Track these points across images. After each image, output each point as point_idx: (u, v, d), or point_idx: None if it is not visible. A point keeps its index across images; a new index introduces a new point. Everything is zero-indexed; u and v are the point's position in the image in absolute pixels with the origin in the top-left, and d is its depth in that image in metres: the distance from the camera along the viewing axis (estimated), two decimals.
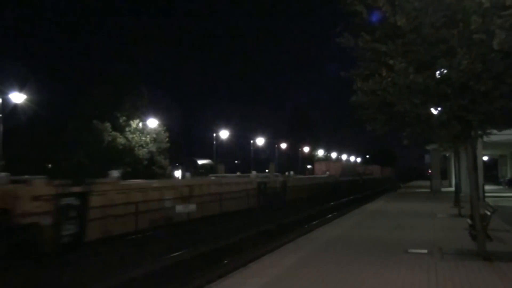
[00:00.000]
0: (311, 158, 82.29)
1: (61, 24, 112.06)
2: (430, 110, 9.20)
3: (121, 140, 39.22)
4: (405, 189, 53.84)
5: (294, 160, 74.91)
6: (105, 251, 14.80)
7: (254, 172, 37.72)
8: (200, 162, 52.59)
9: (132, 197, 18.95)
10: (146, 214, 19.35)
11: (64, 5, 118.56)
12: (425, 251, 10.37)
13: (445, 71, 8.31)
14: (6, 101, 26.81)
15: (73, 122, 40.50)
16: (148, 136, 41.16)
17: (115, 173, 21.01)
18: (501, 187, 46.84)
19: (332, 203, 35.06)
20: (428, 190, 41.76)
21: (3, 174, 16.48)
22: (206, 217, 23.08)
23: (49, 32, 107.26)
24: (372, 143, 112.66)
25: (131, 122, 40.34)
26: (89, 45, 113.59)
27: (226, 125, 53.51)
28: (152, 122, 40.79)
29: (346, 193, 46.22)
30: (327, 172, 59.42)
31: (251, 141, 62.78)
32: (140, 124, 40.85)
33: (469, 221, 11.03)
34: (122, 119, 39.93)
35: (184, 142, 60.60)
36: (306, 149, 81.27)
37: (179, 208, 20.84)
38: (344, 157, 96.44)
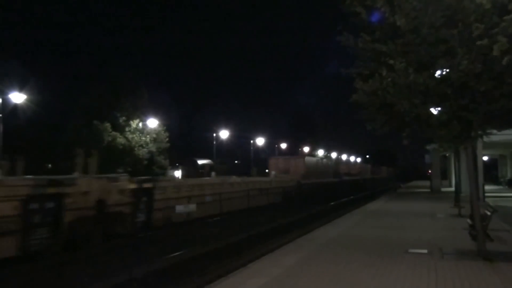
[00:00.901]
0: None
1: (62, 24, 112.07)
2: (430, 110, 9.20)
3: (121, 140, 39.22)
4: (405, 189, 53.87)
5: None
6: None
7: None
8: (200, 162, 52.56)
9: None
10: None
11: (65, 6, 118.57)
12: (425, 251, 10.37)
13: (445, 71, 8.32)
14: (6, 101, 26.84)
15: (73, 122, 40.52)
16: (148, 136, 41.18)
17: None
18: (501, 187, 46.84)
19: (262, 228, 19.68)
20: (428, 190, 41.77)
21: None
22: None
23: (49, 32, 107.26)
24: (372, 143, 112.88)
25: (131, 122, 40.35)
26: (89, 45, 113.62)
27: (226, 125, 53.59)
28: (152, 122, 40.81)
29: (308, 203, 31.75)
30: (273, 172, 43.82)
31: (251, 141, 62.83)
32: (140, 124, 40.87)
33: (469, 221, 11.03)
34: (122, 119, 39.95)
35: (184, 142, 60.63)
36: (306, 149, 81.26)
37: (179, 208, 20.82)
38: (344, 156, 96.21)
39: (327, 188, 45.39)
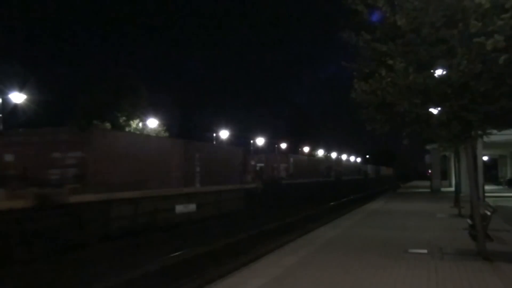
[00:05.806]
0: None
1: (61, 24, 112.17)
2: (430, 110, 9.20)
3: None
4: (405, 189, 53.90)
5: None
6: None
7: None
8: None
9: None
10: None
11: (65, 5, 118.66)
12: (425, 251, 10.36)
13: (445, 71, 8.32)
14: (6, 101, 26.86)
15: (73, 122, 40.51)
16: None
17: None
18: (501, 187, 46.86)
19: None
20: (428, 190, 41.79)
21: None
22: None
23: (49, 32, 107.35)
24: (372, 143, 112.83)
25: (131, 122, 40.32)
26: (89, 45, 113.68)
27: (226, 125, 53.57)
28: (152, 122, 40.78)
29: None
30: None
31: (251, 141, 62.80)
32: (140, 124, 40.84)
33: (469, 221, 11.02)
34: (122, 119, 39.92)
35: None
36: (306, 149, 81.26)
37: (179, 208, 20.78)
38: (344, 157, 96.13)
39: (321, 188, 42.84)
